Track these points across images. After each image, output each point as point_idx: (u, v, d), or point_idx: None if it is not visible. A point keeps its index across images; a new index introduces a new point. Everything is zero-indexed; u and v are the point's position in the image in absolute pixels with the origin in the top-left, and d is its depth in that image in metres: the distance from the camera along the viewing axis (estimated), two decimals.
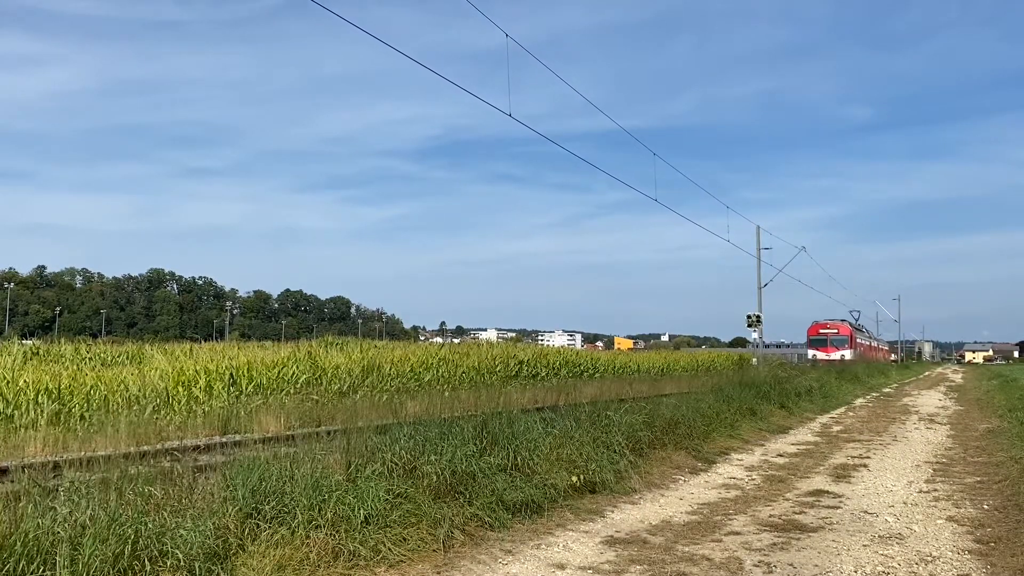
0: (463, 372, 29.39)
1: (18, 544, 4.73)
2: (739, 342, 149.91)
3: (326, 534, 5.96)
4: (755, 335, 42.85)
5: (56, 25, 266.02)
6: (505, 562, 6.39)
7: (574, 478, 8.92)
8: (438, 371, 28.00)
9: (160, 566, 5.04)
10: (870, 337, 78.48)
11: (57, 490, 5.72)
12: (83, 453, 8.82)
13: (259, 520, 5.92)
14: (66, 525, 4.98)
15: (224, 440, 11.19)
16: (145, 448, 9.37)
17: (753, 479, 10.84)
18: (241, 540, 5.67)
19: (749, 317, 41.86)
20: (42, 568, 4.69)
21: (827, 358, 55.19)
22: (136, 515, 5.26)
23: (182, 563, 5.07)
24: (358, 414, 12.32)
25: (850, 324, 65.68)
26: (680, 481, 10.51)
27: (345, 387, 22.17)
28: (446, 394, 19.75)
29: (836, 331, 62.15)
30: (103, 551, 4.86)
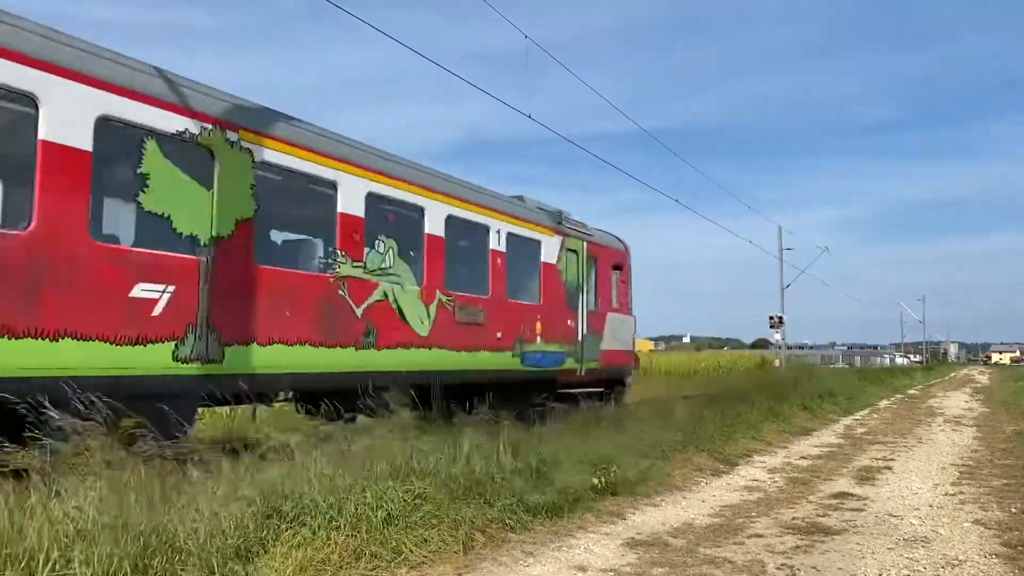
0: None
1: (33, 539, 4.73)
2: (760, 343, 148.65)
3: (347, 535, 5.97)
4: (777, 336, 42.59)
5: (80, 31, 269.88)
6: (526, 564, 6.37)
7: (595, 480, 8.89)
8: None
9: (180, 564, 5.05)
10: None
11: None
12: None
13: (279, 521, 5.93)
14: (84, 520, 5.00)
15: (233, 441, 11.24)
16: None
17: (775, 481, 10.75)
18: (262, 540, 5.68)
19: (771, 318, 41.63)
20: (58, 564, 4.68)
21: None
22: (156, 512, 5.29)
23: (203, 562, 5.07)
24: None
25: None
26: (702, 483, 10.45)
27: None
28: None
29: None
30: (122, 548, 4.86)
